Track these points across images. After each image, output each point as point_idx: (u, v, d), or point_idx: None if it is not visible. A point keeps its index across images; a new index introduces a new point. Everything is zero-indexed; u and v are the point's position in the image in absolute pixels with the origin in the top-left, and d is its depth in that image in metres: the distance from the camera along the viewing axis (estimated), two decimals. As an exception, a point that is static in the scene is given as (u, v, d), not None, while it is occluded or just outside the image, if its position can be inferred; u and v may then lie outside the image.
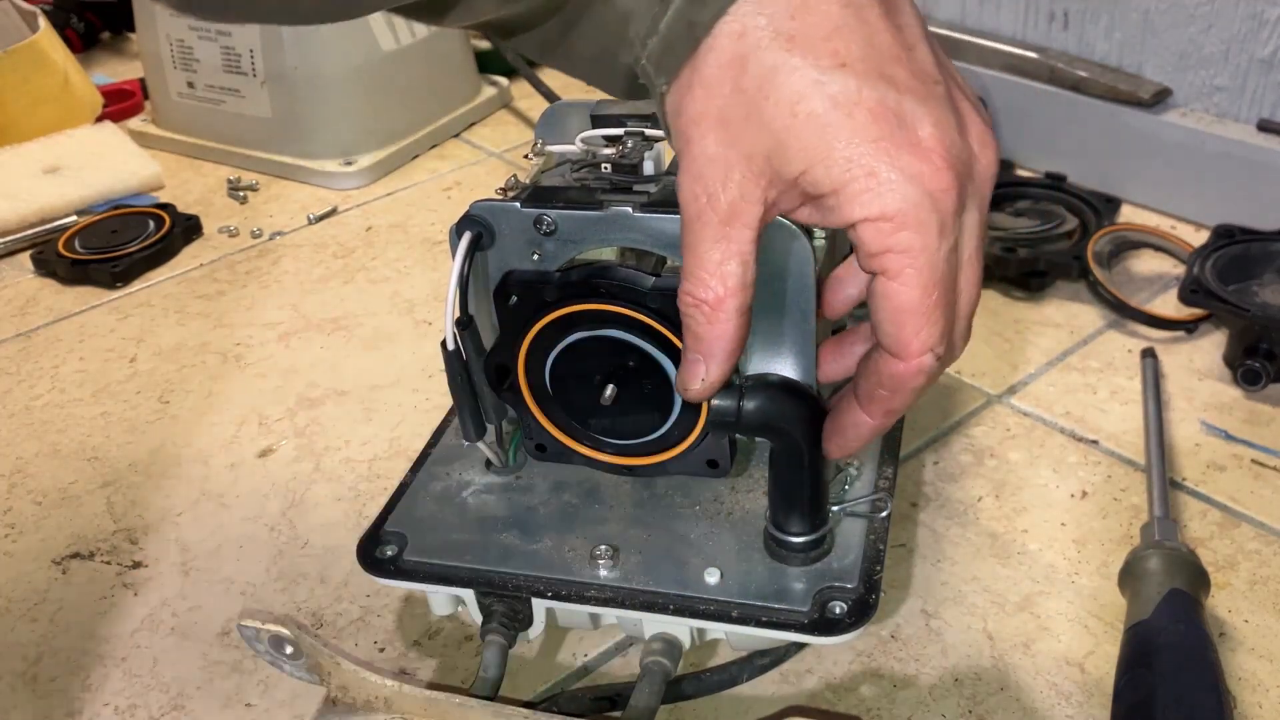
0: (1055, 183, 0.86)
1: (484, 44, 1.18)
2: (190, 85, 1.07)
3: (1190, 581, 0.51)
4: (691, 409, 0.47)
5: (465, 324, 0.48)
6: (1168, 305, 0.77)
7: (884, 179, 0.36)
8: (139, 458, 0.70)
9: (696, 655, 0.54)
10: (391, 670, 0.54)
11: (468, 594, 0.49)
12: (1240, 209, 0.81)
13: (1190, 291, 0.71)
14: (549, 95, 1.11)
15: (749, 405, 0.43)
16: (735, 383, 0.43)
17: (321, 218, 0.97)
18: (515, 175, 0.51)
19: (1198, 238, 0.81)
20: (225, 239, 0.95)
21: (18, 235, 0.95)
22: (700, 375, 0.41)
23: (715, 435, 0.48)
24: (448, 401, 0.52)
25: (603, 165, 0.50)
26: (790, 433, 0.44)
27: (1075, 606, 0.55)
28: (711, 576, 0.47)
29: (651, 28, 0.37)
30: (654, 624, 0.48)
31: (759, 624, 0.46)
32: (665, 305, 0.46)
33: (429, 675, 0.54)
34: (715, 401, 0.43)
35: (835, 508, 0.49)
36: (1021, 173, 0.94)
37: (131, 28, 1.18)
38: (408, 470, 0.55)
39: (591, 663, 0.54)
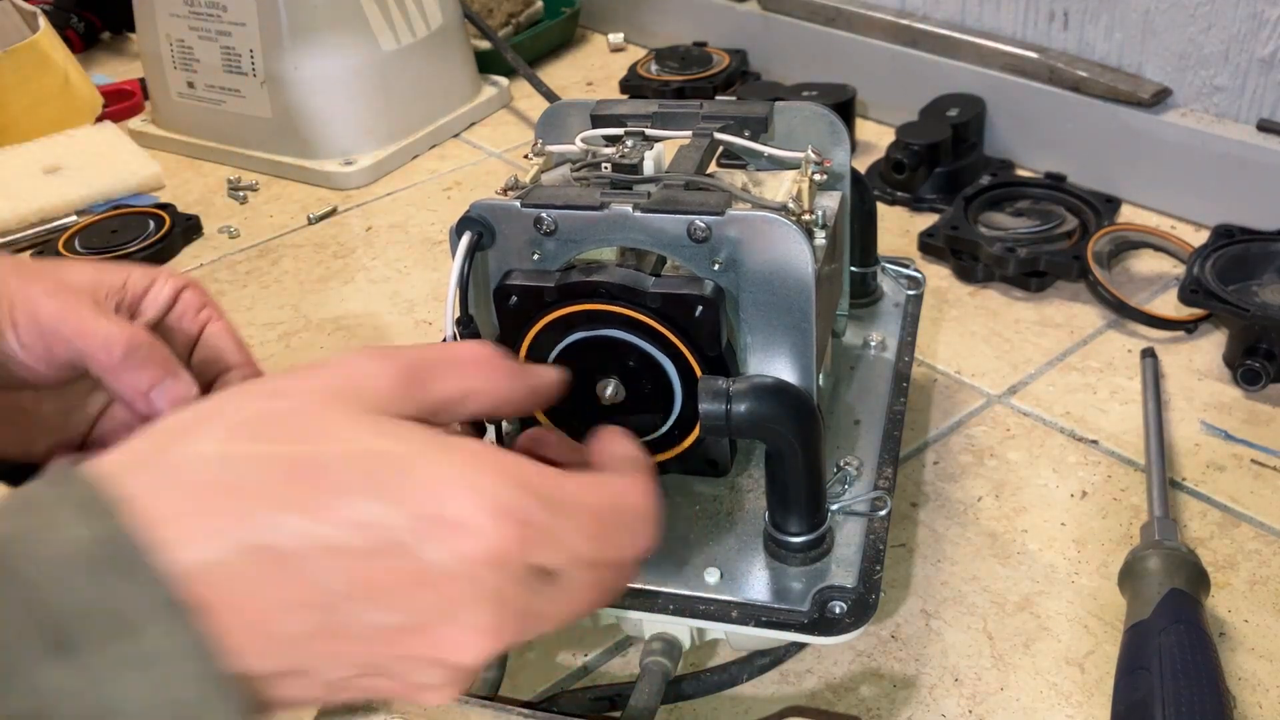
0: (1055, 183, 0.86)
1: (484, 44, 1.18)
2: (190, 85, 1.07)
3: (1190, 581, 0.51)
4: (692, 409, 0.47)
5: (465, 324, 0.48)
6: (1168, 305, 0.77)
7: None
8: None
9: (696, 655, 0.54)
10: (391, 670, 0.54)
11: (468, 594, 0.49)
12: (1240, 209, 0.81)
13: (1190, 291, 0.71)
14: (549, 95, 1.11)
15: (738, 409, 0.43)
16: (724, 387, 0.43)
17: (321, 218, 0.97)
18: (515, 175, 0.51)
19: (1198, 238, 0.81)
20: (225, 239, 0.95)
21: (18, 235, 0.95)
22: None
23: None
24: (448, 401, 0.52)
25: (603, 165, 0.50)
26: (782, 434, 0.44)
27: (1075, 606, 0.55)
28: (711, 576, 0.47)
29: None
30: (654, 624, 0.48)
31: (759, 624, 0.46)
32: (665, 305, 0.46)
33: (429, 675, 0.54)
34: (704, 406, 0.43)
35: (834, 507, 0.49)
36: (1021, 173, 0.94)
37: (131, 28, 1.18)
38: (408, 470, 0.55)
39: (591, 663, 0.55)
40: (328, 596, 0.33)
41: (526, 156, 0.53)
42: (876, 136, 1.02)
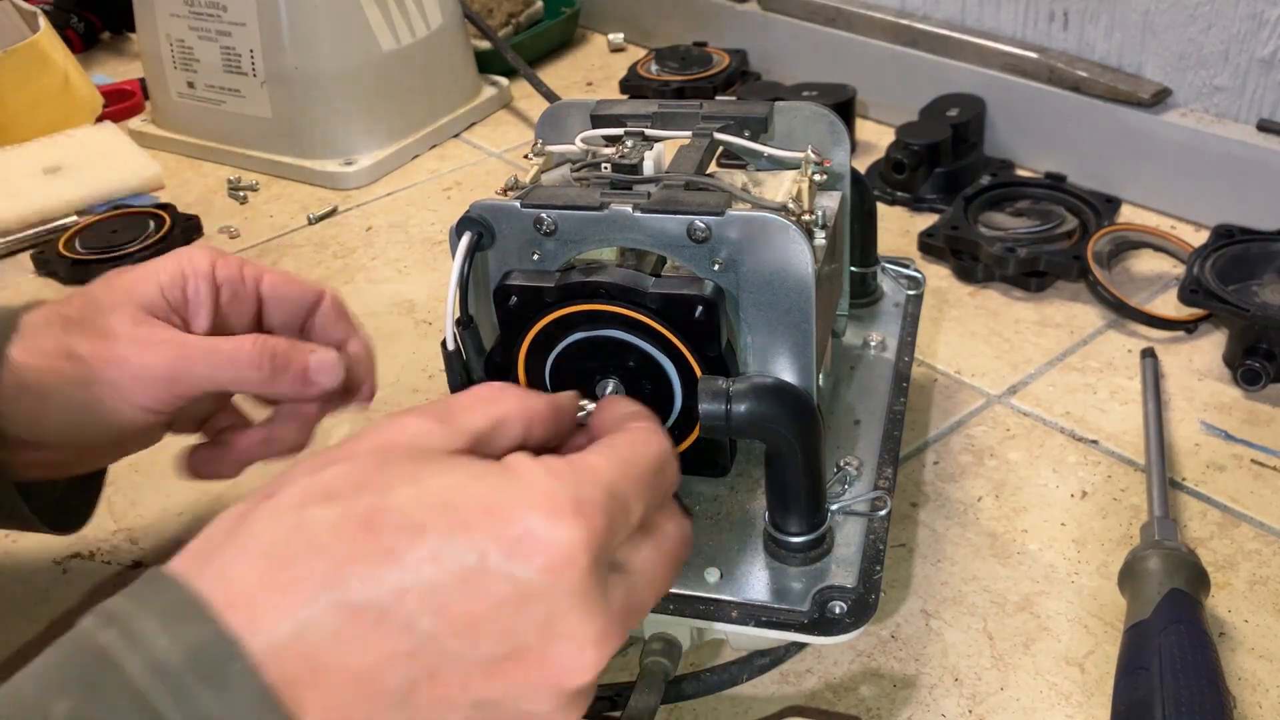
0: (1055, 183, 0.86)
1: (484, 44, 1.18)
2: (190, 85, 1.07)
3: (1190, 581, 0.51)
4: (692, 409, 0.47)
5: (465, 324, 0.48)
6: (1168, 305, 0.77)
7: None
8: (139, 457, 0.69)
9: (696, 655, 0.54)
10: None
11: (468, 594, 0.49)
12: (1240, 209, 0.81)
13: (1190, 291, 0.71)
14: (549, 95, 1.11)
15: (738, 409, 0.43)
16: (724, 387, 0.43)
17: (321, 218, 0.98)
18: (515, 175, 0.51)
19: (1198, 238, 0.81)
20: (225, 239, 0.95)
21: (18, 235, 0.95)
22: None
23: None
24: (448, 401, 0.52)
25: (603, 165, 0.50)
26: (781, 434, 0.44)
27: (1075, 606, 0.55)
28: (711, 576, 0.47)
29: None
30: (654, 624, 0.48)
31: (758, 624, 0.46)
32: (665, 306, 0.46)
33: (429, 675, 0.54)
34: (704, 406, 0.43)
35: (834, 507, 0.49)
36: (1021, 173, 0.94)
37: (131, 28, 1.18)
38: (408, 470, 0.55)
39: (591, 663, 0.54)
40: (425, 640, 0.32)
41: (526, 156, 0.53)
42: (876, 136, 1.02)
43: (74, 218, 0.96)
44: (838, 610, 0.45)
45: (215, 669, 0.30)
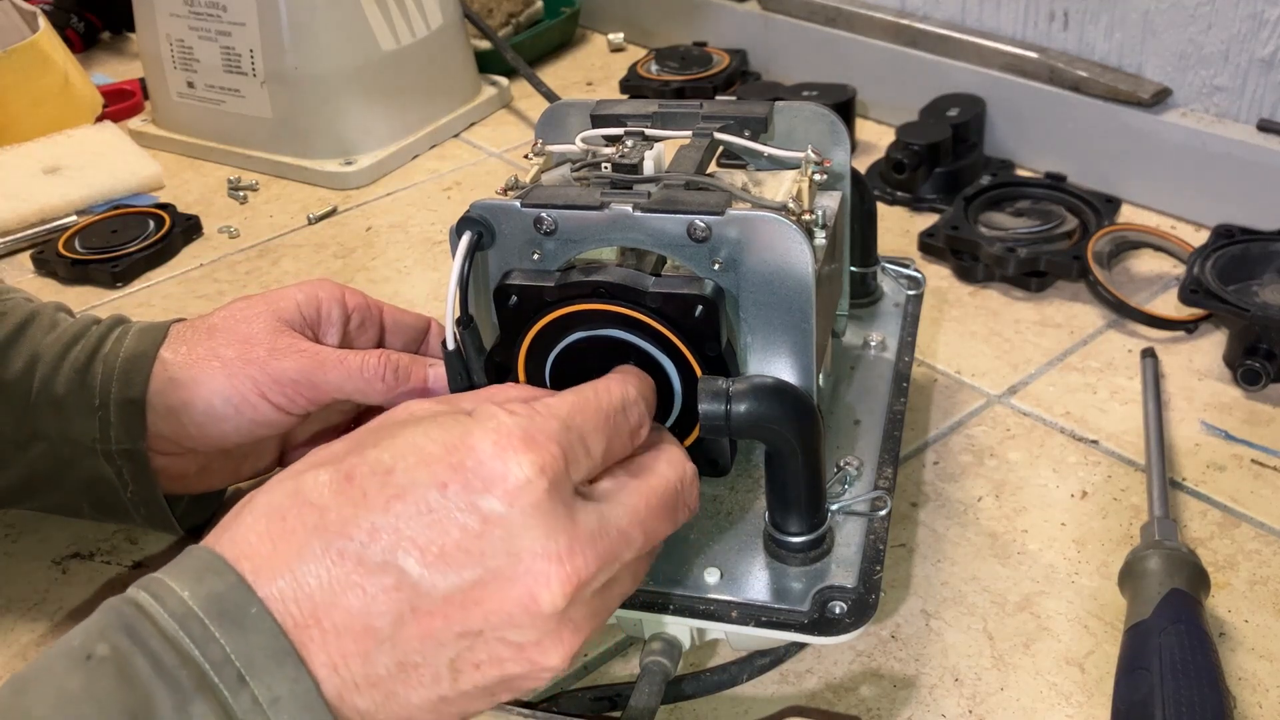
0: (1055, 183, 0.86)
1: (484, 44, 1.18)
2: (190, 85, 1.07)
3: (1190, 581, 0.51)
4: (692, 410, 0.47)
5: (465, 324, 0.48)
6: (1168, 305, 0.77)
7: None
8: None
9: (696, 655, 0.54)
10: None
11: (468, 594, 0.49)
12: (1240, 209, 0.81)
13: (1190, 291, 0.71)
14: (549, 95, 1.11)
15: (738, 409, 0.43)
16: (724, 387, 0.43)
17: (321, 218, 0.98)
18: (515, 175, 0.51)
19: (1198, 238, 0.81)
20: (225, 239, 0.95)
21: (18, 235, 0.95)
22: None
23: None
24: (448, 401, 0.52)
25: (603, 165, 0.50)
26: (782, 434, 0.44)
27: (1075, 606, 0.55)
28: (711, 576, 0.47)
29: None
30: (654, 624, 0.48)
31: (758, 624, 0.46)
32: (665, 305, 0.46)
33: (429, 675, 0.54)
34: (704, 406, 0.43)
35: (834, 507, 0.49)
36: (1021, 173, 0.94)
37: (131, 28, 1.18)
38: (408, 470, 0.55)
39: (591, 663, 0.55)
40: (402, 574, 0.36)
41: (526, 156, 0.53)
42: (876, 136, 1.02)
43: (74, 217, 0.96)
44: (838, 610, 0.45)
45: (234, 613, 0.34)
